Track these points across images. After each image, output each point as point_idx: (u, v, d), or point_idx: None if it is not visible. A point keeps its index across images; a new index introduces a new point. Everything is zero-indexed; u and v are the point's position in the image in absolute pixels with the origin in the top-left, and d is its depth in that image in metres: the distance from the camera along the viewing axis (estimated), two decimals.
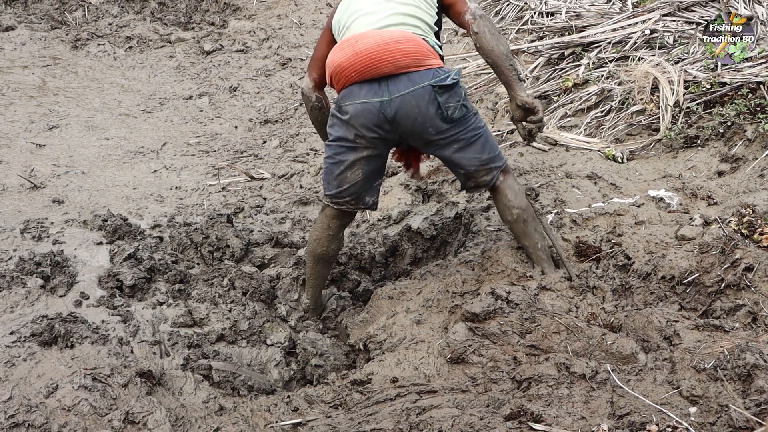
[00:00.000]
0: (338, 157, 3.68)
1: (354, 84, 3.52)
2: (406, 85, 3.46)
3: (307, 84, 3.91)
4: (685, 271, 3.47)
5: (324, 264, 4.07)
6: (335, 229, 3.95)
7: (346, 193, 3.76)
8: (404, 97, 3.47)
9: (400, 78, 3.47)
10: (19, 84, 7.93)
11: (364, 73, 3.47)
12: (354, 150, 3.63)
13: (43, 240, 4.35)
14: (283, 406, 3.10)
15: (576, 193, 4.44)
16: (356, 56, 3.45)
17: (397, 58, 3.44)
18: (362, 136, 3.57)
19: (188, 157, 6.39)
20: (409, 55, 3.46)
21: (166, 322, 3.76)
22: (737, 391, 2.61)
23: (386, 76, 3.47)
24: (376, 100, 3.48)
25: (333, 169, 3.72)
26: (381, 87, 3.48)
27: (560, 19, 6.70)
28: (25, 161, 5.97)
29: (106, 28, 9.71)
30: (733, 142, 4.61)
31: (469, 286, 3.67)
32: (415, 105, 3.47)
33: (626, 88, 5.38)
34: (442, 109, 3.50)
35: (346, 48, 3.50)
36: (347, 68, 3.49)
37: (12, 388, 2.87)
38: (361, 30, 3.54)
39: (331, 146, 3.70)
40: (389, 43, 3.45)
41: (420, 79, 3.47)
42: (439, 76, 3.49)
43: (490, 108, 6.13)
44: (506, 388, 2.91)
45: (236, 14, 10.13)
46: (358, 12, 3.62)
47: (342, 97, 3.57)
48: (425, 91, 3.46)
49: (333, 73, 3.57)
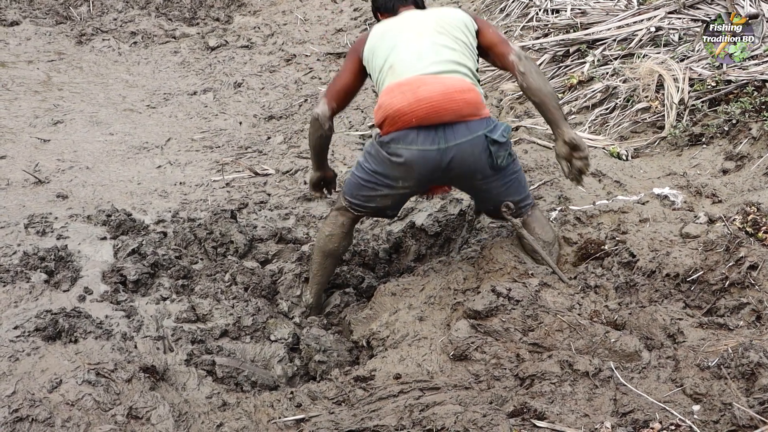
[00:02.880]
0: (371, 185, 3.71)
1: (410, 128, 3.49)
2: (464, 134, 3.48)
3: (324, 112, 3.83)
4: (689, 269, 3.46)
5: (333, 260, 4.08)
6: (348, 227, 3.97)
7: (369, 209, 3.83)
8: (462, 146, 3.49)
9: (458, 126, 3.48)
10: (24, 79, 7.94)
11: (425, 121, 3.45)
12: (390, 187, 3.67)
13: (47, 235, 4.36)
14: (287, 402, 3.10)
15: (580, 190, 4.43)
16: (419, 103, 3.43)
17: (460, 107, 3.46)
18: (408, 178, 3.59)
19: (192, 152, 6.39)
20: (471, 105, 3.49)
21: (170, 318, 3.76)
22: (741, 390, 2.60)
23: (443, 123, 3.47)
24: (434, 148, 3.48)
25: (362, 190, 3.75)
26: (438, 134, 3.48)
27: (565, 16, 6.70)
28: (30, 156, 5.98)
29: (111, 23, 9.72)
30: (738, 140, 4.60)
31: (470, 283, 3.68)
32: (471, 153, 3.51)
33: (631, 86, 5.37)
34: (493, 158, 3.54)
35: (406, 92, 3.46)
36: (408, 114, 3.45)
37: (16, 383, 2.87)
38: (413, 73, 3.51)
39: (366, 171, 3.69)
40: (453, 92, 3.45)
41: (477, 128, 3.50)
42: (491, 126, 3.54)
43: (494, 105, 6.13)
44: (509, 385, 2.91)
45: (241, 10, 10.13)
46: (403, 51, 3.59)
47: (393, 139, 3.53)
48: (480, 140, 3.50)
49: (389, 115, 3.50)
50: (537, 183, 4.62)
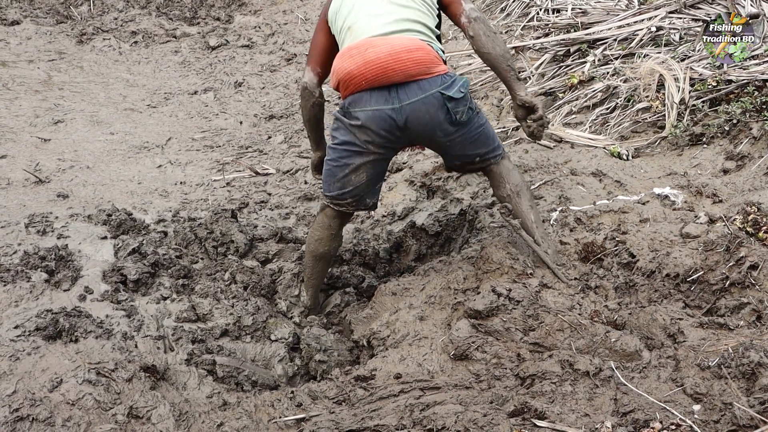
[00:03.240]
0: (343, 161, 3.69)
1: (363, 90, 3.52)
2: (416, 93, 3.48)
3: (311, 79, 3.88)
4: (689, 269, 3.46)
5: (324, 262, 4.09)
6: (336, 228, 3.98)
7: (348, 195, 3.79)
8: (415, 105, 3.49)
9: (410, 85, 3.48)
10: (25, 78, 7.94)
11: (374, 82, 3.47)
12: (360, 154, 3.65)
13: (47, 234, 4.36)
14: (287, 402, 3.10)
15: (581, 190, 4.43)
16: (366, 65, 3.45)
17: (408, 67, 3.46)
18: (372, 141, 3.58)
19: (193, 152, 6.39)
20: (420, 64, 3.48)
21: (170, 317, 3.76)
22: (741, 389, 2.60)
23: (396, 83, 3.48)
24: (388, 107, 3.49)
25: (336, 172, 3.73)
26: (391, 94, 3.49)
27: (566, 15, 6.70)
28: (30, 155, 5.98)
29: (112, 22, 9.72)
30: (738, 140, 4.59)
31: (470, 283, 3.68)
32: (426, 112, 3.50)
33: (632, 86, 5.37)
34: (451, 114, 3.53)
35: (355, 56, 3.49)
36: (357, 76, 3.48)
37: (16, 382, 2.87)
38: (366, 34, 3.54)
39: (335, 149, 3.70)
40: (400, 52, 3.45)
41: (429, 86, 3.49)
42: (446, 82, 3.52)
43: (495, 105, 6.13)
44: (510, 384, 2.91)
45: (242, 9, 10.13)
46: (360, 11, 3.61)
47: (350, 103, 3.56)
48: (435, 98, 3.49)
49: (341, 79, 3.55)
50: (537, 183, 4.62)
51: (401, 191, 5.18)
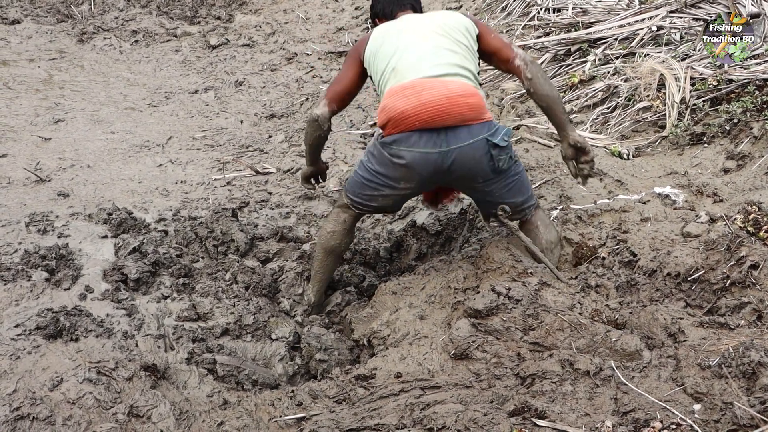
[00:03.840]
0: (374, 185, 3.73)
1: (413, 131, 3.51)
2: (465, 138, 3.50)
3: (325, 114, 3.86)
4: (690, 269, 3.46)
5: (335, 257, 4.10)
6: (350, 224, 4.01)
7: (371, 208, 3.87)
8: (463, 149, 3.51)
9: (459, 130, 3.50)
10: (25, 77, 7.94)
11: (428, 124, 3.48)
12: (392, 188, 3.70)
13: (48, 233, 4.36)
14: (287, 401, 3.10)
15: (581, 189, 4.43)
16: (423, 107, 3.46)
17: (464, 112, 3.48)
18: (409, 179, 3.61)
19: (193, 151, 6.39)
20: (474, 110, 3.51)
21: (171, 316, 3.76)
22: (742, 389, 2.60)
23: (446, 126, 3.49)
24: (435, 151, 3.51)
25: (365, 189, 3.78)
26: (440, 137, 3.50)
27: (567, 15, 6.69)
28: (31, 154, 5.98)
29: (112, 21, 9.72)
30: (739, 140, 4.59)
31: (470, 282, 3.68)
32: (471, 157, 3.53)
33: (632, 85, 5.37)
34: (494, 162, 3.57)
35: (410, 96, 3.48)
36: (412, 116, 3.47)
37: (17, 381, 2.87)
38: (414, 76, 3.54)
39: (368, 171, 3.72)
40: (456, 96, 3.48)
41: (478, 132, 3.52)
42: (492, 129, 3.55)
43: (495, 104, 6.12)
44: (510, 384, 2.91)
45: (242, 8, 10.13)
46: (406, 53, 3.61)
47: (396, 141, 3.55)
48: (482, 143, 3.52)
49: (393, 118, 3.52)
50: (538, 182, 4.62)
51: None
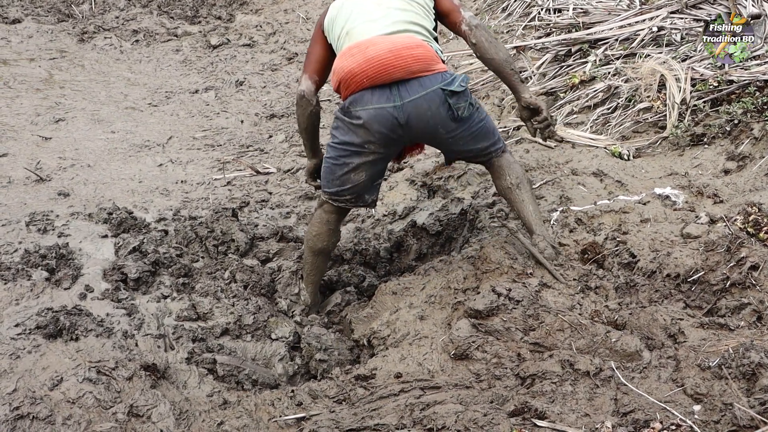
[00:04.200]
0: (342, 160, 3.70)
1: (365, 89, 3.53)
2: (417, 90, 3.50)
3: (309, 86, 3.85)
4: (690, 269, 3.46)
5: (323, 257, 4.12)
6: (334, 224, 4.00)
7: (347, 192, 3.81)
8: (416, 101, 3.51)
9: (411, 83, 3.51)
10: (26, 77, 7.94)
11: (376, 79, 3.48)
12: (359, 154, 3.67)
13: (48, 233, 4.36)
14: (287, 401, 3.10)
15: (582, 190, 4.43)
16: (368, 62, 3.47)
17: (409, 64, 3.48)
18: (373, 141, 3.60)
19: (194, 150, 6.39)
20: (420, 61, 3.50)
21: (171, 316, 3.76)
22: (742, 390, 2.60)
23: (397, 81, 3.50)
24: (389, 105, 3.51)
25: (335, 170, 3.75)
26: (392, 92, 3.51)
27: (567, 15, 6.69)
28: (31, 154, 5.98)
29: (113, 21, 9.72)
30: (739, 141, 4.59)
31: (469, 283, 3.68)
32: (427, 108, 3.52)
33: (633, 86, 5.36)
34: (453, 110, 3.56)
35: (356, 54, 3.50)
36: (359, 74, 3.49)
37: (17, 381, 2.87)
38: (366, 36, 3.56)
39: (335, 148, 3.71)
40: (400, 49, 3.48)
41: (430, 83, 3.52)
42: (447, 79, 3.55)
43: (496, 104, 6.13)
44: (510, 384, 2.91)
45: (243, 8, 10.13)
46: (358, 17, 3.64)
47: (351, 102, 3.57)
48: (436, 94, 3.52)
49: (342, 78, 3.55)
50: (538, 182, 4.62)
51: (402, 190, 5.18)
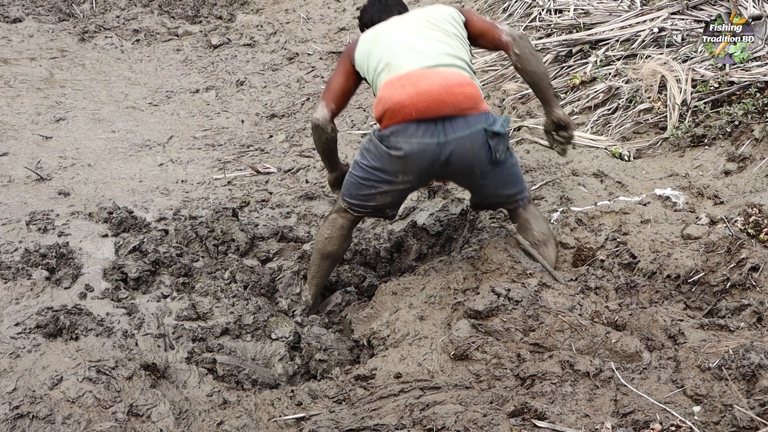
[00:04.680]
0: (371, 183, 3.69)
1: (410, 122, 3.49)
2: (463, 128, 3.48)
3: (325, 116, 3.83)
4: (690, 270, 3.46)
5: (331, 261, 4.09)
6: (347, 229, 3.99)
7: (369, 208, 3.83)
8: (461, 140, 3.49)
9: (457, 120, 3.48)
10: (27, 76, 7.94)
11: (424, 113, 3.45)
12: (389, 183, 3.66)
13: (48, 232, 4.36)
14: (287, 401, 3.10)
15: (582, 191, 4.43)
16: (419, 96, 3.43)
17: (459, 101, 3.46)
18: (408, 172, 3.59)
19: (194, 150, 6.39)
20: (470, 99, 3.49)
21: (171, 315, 3.76)
22: (741, 391, 2.60)
23: (443, 117, 3.48)
24: (434, 142, 3.48)
25: (361, 189, 3.74)
26: (438, 128, 3.48)
27: (568, 16, 6.68)
28: (32, 153, 5.98)
29: (114, 20, 9.72)
30: (740, 142, 4.59)
31: (469, 283, 3.68)
32: (469, 147, 3.51)
33: (634, 86, 5.36)
34: (492, 152, 3.54)
35: (406, 86, 3.46)
36: (408, 106, 3.45)
37: (17, 380, 2.87)
38: (410, 67, 3.52)
39: (364, 169, 3.68)
40: (452, 85, 3.46)
41: (476, 122, 3.50)
42: (490, 120, 3.53)
43: (497, 105, 6.12)
44: (510, 385, 2.91)
45: (244, 8, 10.12)
46: (398, 48, 3.60)
47: (393, 133, 3.52)
48: (479, 134, 3.50)
49: (389, 108, 3.50)
50: (539, 183, 4.62)
51: None
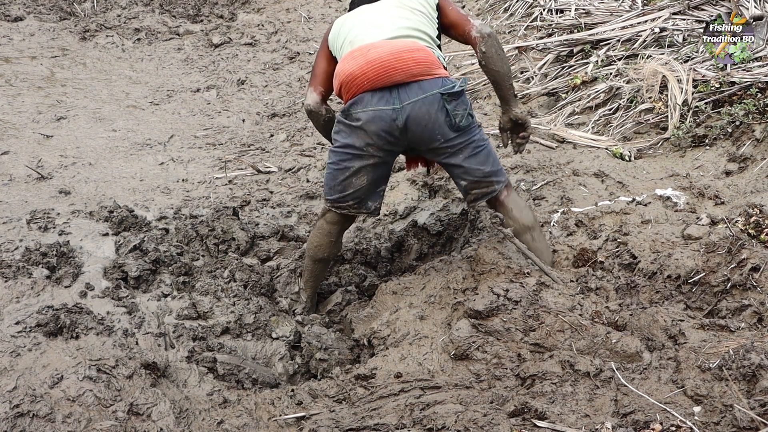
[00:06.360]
0: (344, 164, 3.70)
1: (365, 92, 3.54)
2: (417, 93, 3.51)
3: (315, 99, 3.89)
4: (691, 271, 3.46)
5: (323, 265, 4.15)
6: (336, 235, 4.02)
7: (349, 198, 3.80)
8: (415, 104, 3.51)
9: (411, 86, 3.52)
10: (28, 75, 7.94)
11: (376, 82, 3.50)
12: (360, 157, 3.67)
13: (49, 230, 4.36)
14: (287, 400, 3.10)
15: (583, 191, 4.43)
16: (369, 64, 3.49)
17: (410, 67, 3.49)
18: (372, 144, 3.60)
19: (195, 149, 6.39)
20: (421, 64, 3.52)
21: (171, 314, 3.77)
22: (742, 391, 2.60)
23: (397, 84, 3.51)
24: (389, 108, 3.52)
25: (337, 175, 3.75)
26: (392, 95, 3.52)
27: (569, 16, 6.68)
28: (33, 152, 5.98)
29: (115, 19, 9.72)
30: (741, 142, 4.59)
31: (468, 283, 3.68)
32: (426, 112, 3.52)
33: (635, 87, 5.37)
34: (450, 117, 3.55)
35: (357, 57, 3.53)
36: (360, 76, 3.51)
37: (17, 378, 2.87)
38: (370, 41, 3.58)
39: (336, 152, 3.72)
40: (401, 51, 3.50)
41: (430, 87, 3.52)
42: (447, 84, 3.56)
43: (497, 104, 6.12)
44: (510, 385, 2.91)
45: (245, 7, 10.12)
46: (361, 26, 3.66)
47: (352, 105, 3.58)
48: (435, 98, 3.52)
49: (343, 81, 3.57)
50: (539, 183, 4.62)
51: (403, 190, 5.18)
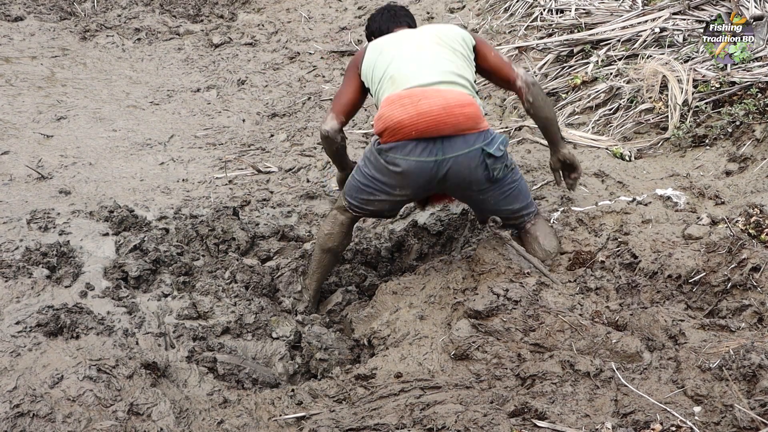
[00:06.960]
0: (370, 190, 3.76)
1: (409, 140, 3.54)
2: (461, 147, 3.53)
3: (334, 127, 3.89)
4: (691, 271, 3.46)
5: (332, 256, 4.12)
6: (347, 226, 4.03)
7: (368, 212, 3.90)
8: (458, 158, 3.54)
9: (455, 139, 3.53)
10: (28, 74, 7.93)
11: (424, 134, 3.51)
12: (387, 194, 3.73)
13: (49, 230, 4.35)
14: (287, 400, 3.10)
15: (583, 190, 4.43)
16: (420, 116, 3.48)
17: (460, 122, 3.51)
18: (404, 187, 3.65)
19: (195, 149, 6.39)
20: (470, 119, 3.53)
21: (171, 314, 3.76)
22: (742, 391, 2.60)
23: (442, 136, 3.52)
24: (431, 159, 3.53)
25: (361, 193, 3.81)
26: (436, 146, 3.53)
27: (570, 16, 6.68)
28: (33, 152, 5.98)
29: (115, 19, 9.71)
30: (741, 142, 4.59)
31: (468, 283, 3.69)
32: (466, 166, 3.56)
33: (635, 87, 5.36)
34: (489, 171, 3.59)
35: (407, 106, 3.51)
36: (408, 126, 3.50)
37: (17, 378, 2.87)
38: (413, 83, 3.57)
39: (365, 176, 3.74)
40: (453, 106, 3.50)
41: (474, 141, 3.54)
42: (488, 139, 3.57)
43: (498, 105, 6.12)
44: (510, 384, 2.91)
45: (245, 7, 10.12)
46: (401, 60, 3.64)
47: (392, 149, 3.57)
48: (477, 153, 3.55)
49: (390, 127, 3.55)
50: (540, 183, 4.62)
51: None
